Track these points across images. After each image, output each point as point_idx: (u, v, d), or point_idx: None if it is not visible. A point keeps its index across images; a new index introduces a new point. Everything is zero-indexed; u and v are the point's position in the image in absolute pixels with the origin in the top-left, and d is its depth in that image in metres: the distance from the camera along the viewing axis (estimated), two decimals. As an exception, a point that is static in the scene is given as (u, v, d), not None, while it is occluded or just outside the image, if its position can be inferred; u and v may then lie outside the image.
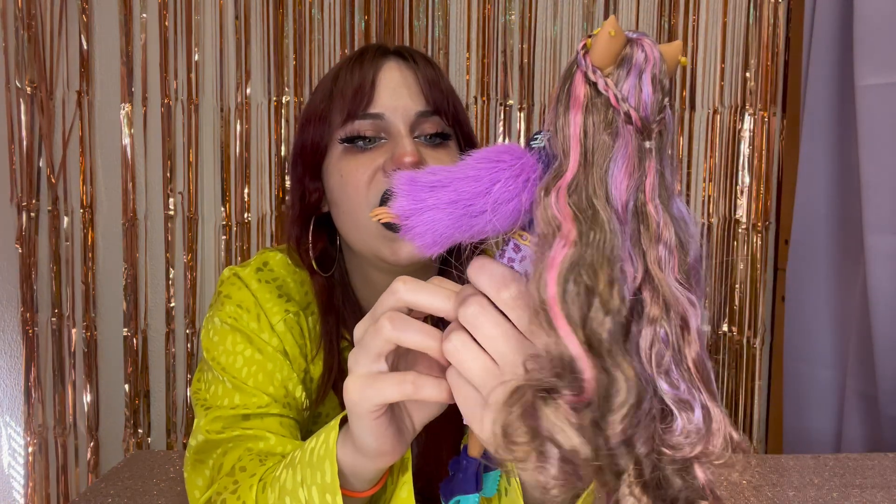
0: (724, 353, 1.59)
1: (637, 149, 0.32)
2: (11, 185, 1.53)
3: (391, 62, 0.70)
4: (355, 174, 0.67)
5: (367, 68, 0.69)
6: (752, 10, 1.52)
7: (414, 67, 0.70)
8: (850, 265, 1.40)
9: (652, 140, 0.32)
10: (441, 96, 0.70)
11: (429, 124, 0.69)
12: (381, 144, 0.68)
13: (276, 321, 0.71)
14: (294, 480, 0.51)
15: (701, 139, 1.55)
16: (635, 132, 0.32)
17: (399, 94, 0.68)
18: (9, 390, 1.56)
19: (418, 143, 0.68)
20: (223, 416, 0.67)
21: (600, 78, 0.32)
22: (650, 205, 0.32)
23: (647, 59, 0.32)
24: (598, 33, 0.32)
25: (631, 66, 0.32)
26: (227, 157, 1.55)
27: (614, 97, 0.32)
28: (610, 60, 0.32)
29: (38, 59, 1.51)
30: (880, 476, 0.87)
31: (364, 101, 0.67)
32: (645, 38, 0.33)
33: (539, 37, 1.53)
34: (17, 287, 1.56)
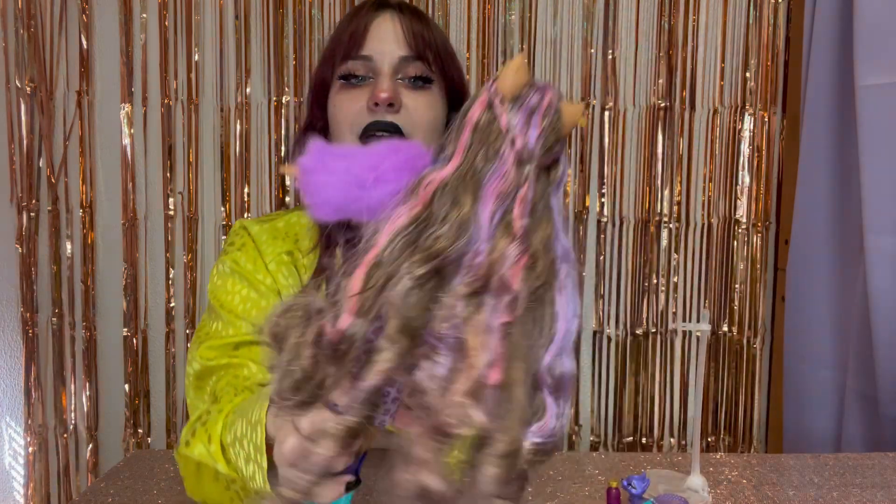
0: (724, 353, 1.59)
1: (513, 173, 0.35)
2: (11, 185, 1.53)
3: (385, 13, 0.82)
4: (344, 106, 0.80)
5: (363, 18, 0.81)
6: (752, 10, 1.52)
7: (403, 19, 0.81)
8: (850, 265, 1.40)
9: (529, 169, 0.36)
10: (424, 44, 0.80)
11: (411, 68, 0.80)
12: (369, 83, 0.79)
13: (269, 260, 0.83)
14: (242, 431, 0.59)
15: (701, 139, 1.55)
16: (515, 159, 0.36)
17: (386, 41, 0.80)
18: (9, 390, 1.56)
19: (400, 84, 0.79)
20: (216, 345, 0.78)
21: (498, 100, 0.36)
22: (516, 223, 0.35)
23: (540, 103, 0.37)
24: (511, 66, 0.37)
25: (524, 104, 0.36)
26: (227, 157, 1.55)
27: (504, 121, 0.36)
28: (512, 93, 0.36)
29: (38, 58, 1.51)
30: (880, 476, 0.87)
31: (356, 45, 0.80)
32: (550, 90, 0.38)
33: (539, 37, 1.53)
34: (17, 287, 1.56)
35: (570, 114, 0.38)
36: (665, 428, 1.60)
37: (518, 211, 0.35)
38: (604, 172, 1.55)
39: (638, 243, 1.57)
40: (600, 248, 1.57)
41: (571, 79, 1.54)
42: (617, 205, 1.56)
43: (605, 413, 1.60)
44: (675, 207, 1.56)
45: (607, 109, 1.54)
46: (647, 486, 0.74)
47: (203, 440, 0.66)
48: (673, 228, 1.57)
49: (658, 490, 0.79)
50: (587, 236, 1.57)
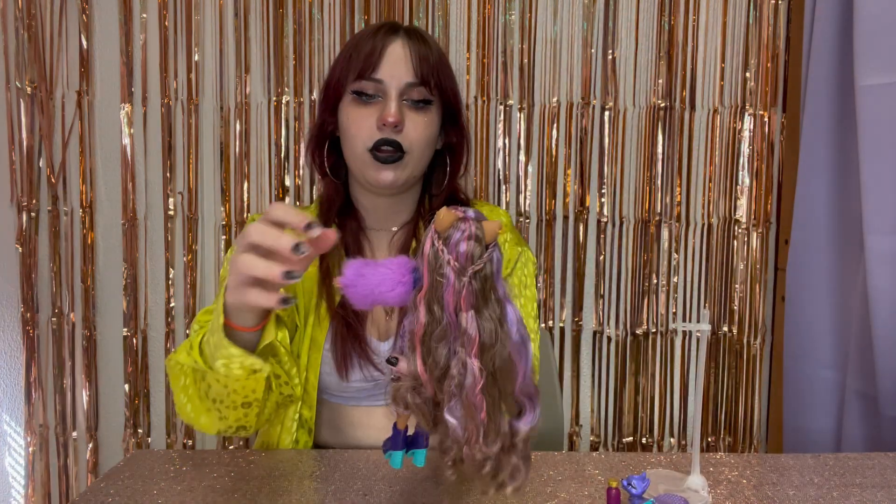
0: (724, 353, 1.59)
1: (457, 282, 0.54)
2: (11, 185, 1.54)
3: (397, 40, 0.96)
4: (357, 120, 0.96)
5: (379, 41, 0.96)
6: (752, 10, 1.52)
7: (411, 45, 0.96)
8: (850, 265, 1.40)
9: (466, 278, 0.54)
10: (428, 71, 0.96)
11: (415, 92, 0.96)
12: (377, 101, 0.96)
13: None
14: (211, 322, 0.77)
15: (701, 139, 1.56)
16: (454, 272, 0.54)
17: (396, 66, 0.95)
18: (9, 390, 1.56)
19: (405, 105, 0.96)
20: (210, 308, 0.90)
21: (436, 239, 0.55)
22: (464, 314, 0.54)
23: (462, 232, 0.54)
24: (441, 214, 0.55)
25: (452, 236, 0.54)
26: (226, 157, 1.55)
27: (441, 250, 0.55)
28: (444, 230, 0.55)
29: (38, 59, 1.51)
30: (880, 476, 0.87)
31: (371, 68, 0.95)
32: (469, 218, 0.55)
33: (539, 37, 1.53)
34: (17, 287, 1.56)
35: (489, 230, 0.55)
36: (665, 428, 1.60)
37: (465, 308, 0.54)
38: (604, 172, 1.55)
39: (638, 243, 1.57)
40: (600, 248, 1.57)
41: (571, 79, 1.54)
42: (617, 205, 1.56)
43: (605, 413, 1.61)
44: (675, 207, 1.56)
45: (607, 109, 1.54)
46: (647, 486, 0.74)
47: (186, 347, 0.82)
48: (673, 228, 1.57)
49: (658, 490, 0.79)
50: (587, 236, 1.57)
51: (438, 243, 0.55)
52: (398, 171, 0.96)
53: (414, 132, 0.96)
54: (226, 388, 0.80)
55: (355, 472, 0.86)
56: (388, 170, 0.96)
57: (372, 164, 0.96)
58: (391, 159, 0.95)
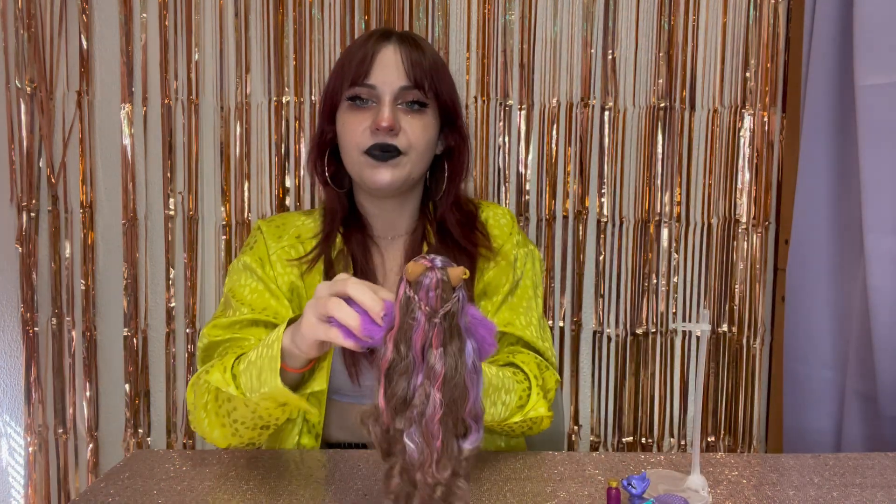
0: (724, 353, 1.59)
1: (427, 324, 0.60)
2: (11, 185, 1.54)
3: (389, 45, 0.96)
4: (352, 126, 0.96)
5: (371, 47, 0.96)
6: (752, 10, 1.52)
7: (404, 50, 0.96)
8: (850, 265, 1.40)
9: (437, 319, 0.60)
10: (422, 74, 0.96)
11: (409, 95, 0.96)
12: (372, 106, 0.96)
13: (271, 253, 1.02)
14: (256, 355, 0.79)
15: (701, 139, 1.56)
16: (425, 315, 0.60)
17: (389, 71, 0.95)
18: (9, 390, 1.56)
19: (400, 109, 0.96)
20: (222, 323, 0.96)
21: (408, 288, 0.61)
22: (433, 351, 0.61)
23: (431, 280, 0.61)
24: (410, 266, 0.61)
25: (421, 283, 0.61)
26: (227, 157, 1.55)
27: (413, 297, 0.61)
28: (414, 278, 0.61)
29: (38, 59, 1.51)
30: (880, 476, 0.87)
31: (363, 74, 0.95)
32: (436, 268, 0.61)
33: (539, 36, 1.53)
34: (17, 287, 1.56)
35: (454, 275, 0.61)
36: (665, 428, 1.60)
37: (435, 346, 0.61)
38: (604, 172, 1.55)
39: (638, 243, 1.57)
40: (600, 248, 1.57)
41: (571, 79, 1.54)
42: (617, 205, 1.56)
43: (605, 413, 1.61)
44: (675, 207, 1.56)
45: (607, 109, 1.54)
46: (647, 486, 0.74)
47: (219, 369, 0.84)
48: (673, 228, 1.57)
49: (658, 490, 0.79)
50: (587, 236, 1.57)
51: (409, 291, 0.61)
52: (396, 169, 0.96)
53: (412, 134, 0.96)
54: (253, 413, 0.83)
55: (355, 472, 0.86)
56: (384, 168, 0.95)
57: (367, 163, 0.96)
58: (386, 157, 0.95)
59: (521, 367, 0.96)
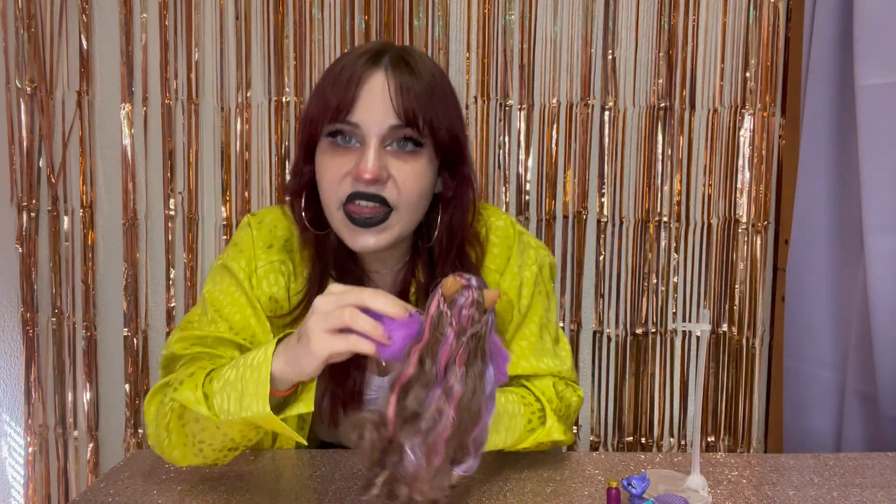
0: (724, 353, 1.59)
1: (455, 341, 0.60)
2: (11, 185, 1.54)
3: (379, 71, 0.79)
4: (330, 172, 0.81)
5: (356, 73, 0.79)
6: (752, 10, 1.52)
7: (396, 78, 0.79)
8: (850, 265, 1.40)
9: (465, 338, 0.60)
10: (415, 108, 0.79)
11: (400, 134, 0.80)
12: (355, 147, 0.80)
13: (260, 265, 0.90)
14: (236, 375, 0.71)
15: (701, 139, 1.56)
16: (455, 333, 0.60)
17: (375, 106, 0.78)
18: (9, 390, 1.56)
19: (388, 152, 0.80)
20: (189, 335, 0.87)
21: (442, 302, 0.61)
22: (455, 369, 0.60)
23: (466, 299, 0.61)
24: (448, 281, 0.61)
25: (456, 300, 0.61)
26: (227, 157, 1.55)
27: (445, 313, 0.61)
28: (450, 296, 0.61)
29: (38, 59, 1.51)
30: (880, 476, 0.87)
31: (346, 109, 0.79)
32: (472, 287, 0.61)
33: (539, 36, 1.53)
34: (17, 287, 1.56)
35: (489, 298, 0.62)
36: (665, 428, 1.60)
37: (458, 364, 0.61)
38: (604, 172, 1.55)
39: (638, 243, 1.57)
40: (600, 248, 1.57)
41: (571, 79, 1.54)
42: (617, 205, 1.56)
43: (605, 413, 1.60)
44: (675, 207, 1.56)
45: (607, 109, 1.54)
46: (647, 486, 0.74)
47: (189, 387, 0.76)
48: (673, 228, 1.57)
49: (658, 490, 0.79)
50: (587, 236, 1.57)
51: (444, 306, 0.61)
52: (381, 234, 0.81)
53: (402, 184, 0.80)
54: (224, 435, 0.76)
55: (355, 472, 0.86)
56: (367, 234, 0.80)
57: (346, 226, 0.81)
58: (371, 221, 0.79)
59: (531, 389, 0.91)
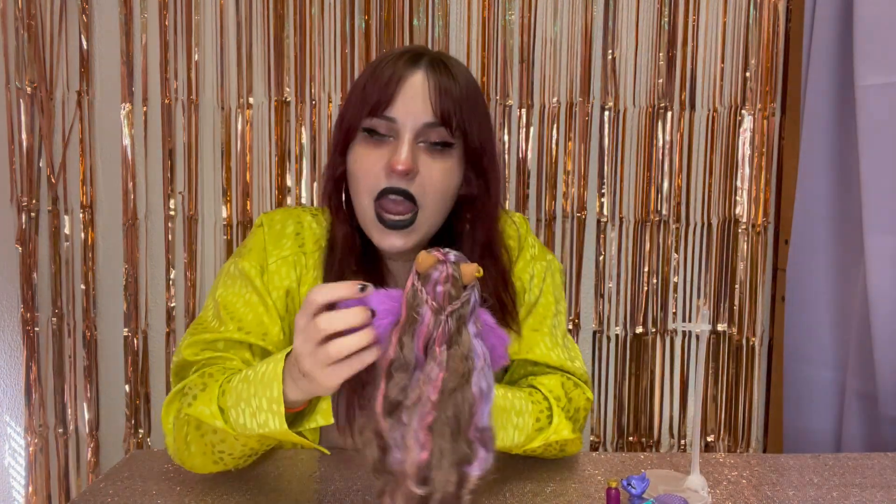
0: (724, 353, 1.59)
1: (433, 320, 0.57)
2: (11, 185, 1.54)
3: (417, 72, 0.84)
4: (364, 165, 0.84)
5: (397, 72, 0.83)
6: (752, 10, 1.52)
7: (433, 78, 0.83)
8: (850, 265, 1.40)
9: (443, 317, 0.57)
10: (451, 108, 0.83)
11: (434, 133, 0.83)
12: (390, 142, 0.83)
13: (272, 260, 0.91)
14: (248, 391, 0.71)
15: (700, 139, 1.56)
16: (431, 311, 0.57)
17: (413, 104, 0.83)
18: (9, 390, 1.56)
19: (420, 149, 0.83)
20: (201, 339, 0.86)
21: (416, 279, 0.58)
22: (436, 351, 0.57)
23: (441, 273, 0.57)
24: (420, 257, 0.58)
25: (431, 276, 0.58)
26: (227, 157, 1.55)
27: (420, 290, 0.58)
28: (424, 270, 0.58)
29: (38, 59, 1.51)
30: (880, 476, 0.87)
31: (385, 104, 0.82)
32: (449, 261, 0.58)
33: (539, 36, 1.53)
34: (17, 287, 1.56)
35: (467, 272, 0.58)
36: (665, 428, 1.61)
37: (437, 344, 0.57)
38: (604, 172, 1.55)
39: (638, 243, 1.57)
40: (600, 248, 1.57)
41: (571, 79, 1.54)
42: (617, 204, 1.56)
43: (605, 413, 1.61)
44: (675, 207, 1.56)
45: (607, 109, 1.54)
46: (647, 486, 0.74)
47: (204, 402, 0.76)
48: (673, 228, 1.57)
49: (658, 490, 0.79)
50: (587, 236, 1.57)
51: (418, 283, 0.58)
52: (409, 237, 0.85)
53: (429, 181, 0.83)
54: (244, 445, 0.77)
55: (355, 472, 0.86)
56: (394, 236, 0.84)
57: (376, 227, 0.85)
58: (399, 224, 0.83)
59: (538, 388, 0.89)
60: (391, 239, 0.84)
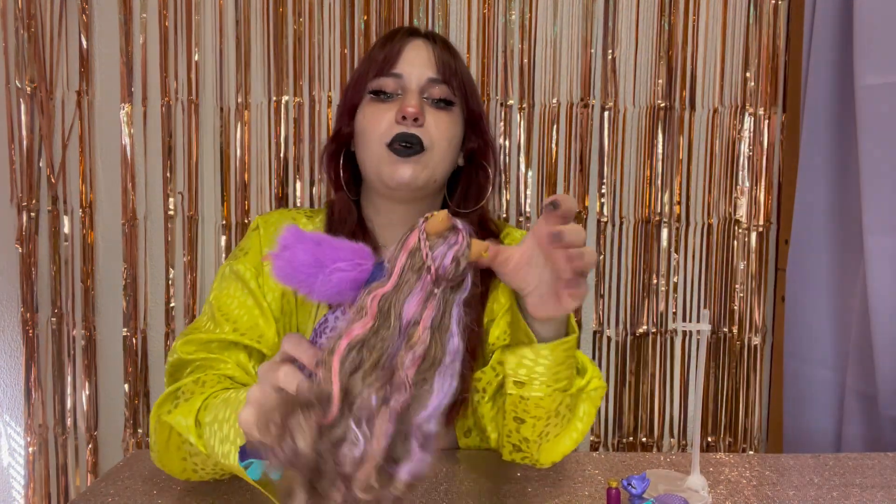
0: (724, 353, 1.59)
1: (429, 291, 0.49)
2: (11, 185, 1.54)
3: (418, 40, 0.93)
4: (375, 116, 0.90)
5: (398, 41, 0.92)
6: (752, 10, 1.52)
7: (434, 47, 0.92)
8: (850, 265, 1.40)
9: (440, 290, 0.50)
10: (450, 71, 0.91)
11: (437, 89, 0.91)
12: (397, 99, 0.90)
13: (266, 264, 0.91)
14: (223, 414, 0.69)
15: (701, 139, 1.56)
16: (432, 280, 0.50)
17: (417, 63, 0.91)
18: (9, 390, 1.56)
19: (425, 102, 0.90)
20: (196, 339, 0.85)
21: (424, 239, 0.51)
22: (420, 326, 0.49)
23: (456, 242, 0.51)
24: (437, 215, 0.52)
25: (445, 241, 0.51)
26: (227, 157, 1.55)
27: (426, 254, 0.50)
28: (435, 233, 0.51)
29: (38, 59, 1.51)
30: (880, 476, 0.87)
31: (390, 64, 0.90)
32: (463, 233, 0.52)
33: (539, 37, 1.53)
34: (17, 287, 1.56)
35: (476, 248, 0.52)
36: (665, 428, 1.60)
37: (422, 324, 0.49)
38: (604, 172, 1.55)
39: (638, 243, 1.57)
40: (600, 248, 1.57)
41: (571, 79, 1.54)
42: (617, 205, 1.56)
43: (605, 413, 1.60)
44: (675, 207, 1.56)
45: (607, 109, 1.54)
46: (647, 486, 0.74)
47: (184, 412, 0.74)
48: (673, 228, 1.57)
49: (658, 490, 0.79)
50: (587, 236, 1.57)
51: (425, 245, 0.50)
52: (417, 167, 0.89)
53: (436, 129, 0.90)
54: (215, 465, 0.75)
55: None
56: (406, 164, 0.88)
57: (388, 158, 0.89)
58: (410, 153, 0.88)
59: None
60: (402, 168, 0.88)
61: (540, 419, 0.75)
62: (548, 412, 0.74)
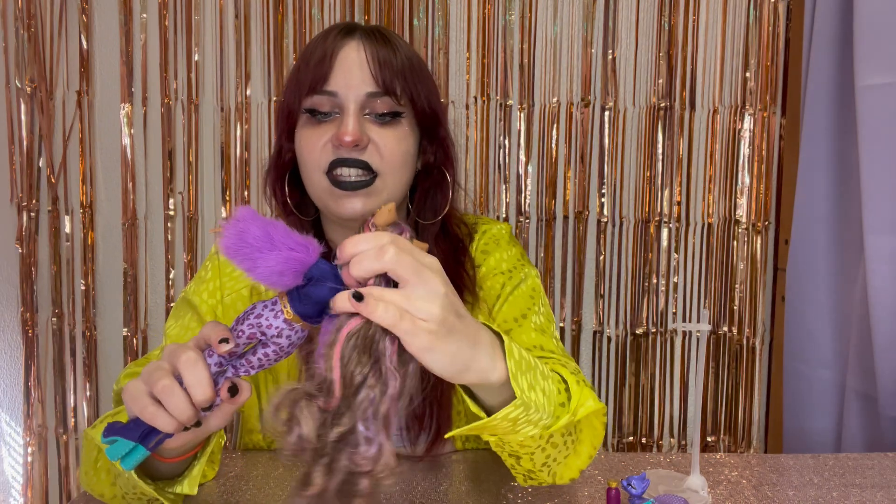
0: (724, 353, 1.59)
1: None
2: (11, 185, 1.54)
3: (352, 43, 0.79)
4: (310, 142, 0.79)
5: (329, 45, 0.79)
6: (752, 10, 1.52)
7: (369, 47, 0.79)
8: (850, 265, 1.40)
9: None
10: (392, 75, 0.78)
11: (379, 103, 0.79)
12: (334, 118, 0.79)
13: (226, 293, 0.88)
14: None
15: (701, 139, 1.56)
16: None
17: (352, 75, 0.78)
18: (9, 390, 1.56)
19: (367, 120, 0.79)
20: (139, 362, 0.82)
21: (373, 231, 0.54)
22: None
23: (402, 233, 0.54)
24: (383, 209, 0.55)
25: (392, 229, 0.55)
26: (227, 157, 1.55)
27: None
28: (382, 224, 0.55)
29: (38, 59, 1.51)
30: (880, 476, 0.87)
31: (322, 79, 0.78)
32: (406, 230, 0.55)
33: (539, 37, 1.53)
34: (17, 287, 1.56)
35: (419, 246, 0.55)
36: (665, 428, 1.60)
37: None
38: (604, 172, 1.55)
39: (638, 243, 1.57)
40: (600, 248, 1.57)
41: (571, 79, 1.54)
42: (617, 205, 1.56)
43: (606, 413, 1.60)
44: (675, 207, 1.56)
45: (607, 109, 1.54)
46: (647, 486, 0.74)
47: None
48: (673, 228, 1.57)
49: (658, 490, 0.79)
50: (587, 236, 1.57)
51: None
52: (368, 199, 0.79)
53: (384, 149, 0.78)
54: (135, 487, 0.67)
55: (355, 472, 0.86)
56: (354, 198, 0.78)
57: (331, 192, 0.78)
58: (358, 185, 0.77)
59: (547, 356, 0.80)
60: (350, 202, 0.78)
61: (535, 453, 0.68)
62: (539, 445, 0.67)
